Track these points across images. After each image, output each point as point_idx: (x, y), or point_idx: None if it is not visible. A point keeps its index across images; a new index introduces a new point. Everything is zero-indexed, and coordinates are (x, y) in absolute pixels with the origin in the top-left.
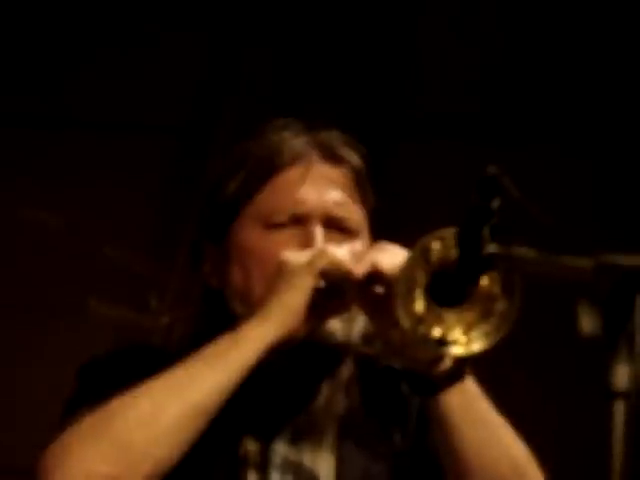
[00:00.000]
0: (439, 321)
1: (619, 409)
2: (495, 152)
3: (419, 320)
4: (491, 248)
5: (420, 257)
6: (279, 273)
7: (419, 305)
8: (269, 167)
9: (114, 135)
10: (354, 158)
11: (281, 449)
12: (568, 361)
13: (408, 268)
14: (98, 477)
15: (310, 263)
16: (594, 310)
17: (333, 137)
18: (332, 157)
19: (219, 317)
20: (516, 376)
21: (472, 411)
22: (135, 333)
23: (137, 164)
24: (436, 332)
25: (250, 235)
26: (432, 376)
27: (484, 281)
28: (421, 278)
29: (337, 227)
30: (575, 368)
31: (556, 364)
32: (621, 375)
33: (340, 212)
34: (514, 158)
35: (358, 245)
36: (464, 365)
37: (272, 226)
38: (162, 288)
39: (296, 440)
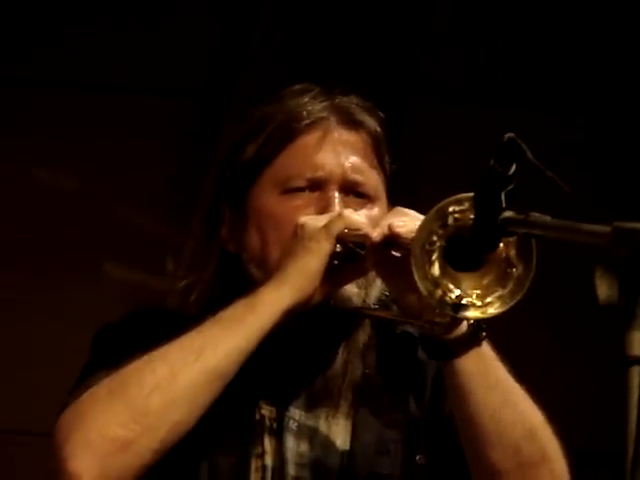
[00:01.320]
0: (455, 284)
1: (635, 375)
2: (512, 114)
3: (435, 283)
4: (507, 214)
5: (437, 221)
6: (296, 237)
7: (435, 268)
8: (288, 132)
9: (131, 98)
10: (372, 123)
11: (296, 414)
12: (584, 327)
13: (424, 231)
14: (115, 441)
15: (327, 227)
16: (611, 276)
17: (352, 102)
18: (350, 122)
19: (236, 281)
20: (532, 342)
21: (488, 376)
22: (151, 296)
23: (154, 127)
24: (452, 295)
25: (268, 199)
26: (448, 341)
27: (500, 245)
28: (438, 241)
29: (355, 192)
30: (591, 334)
31: (572, 330)
32: (637, 341)
33: (358, 177)
34: (532, 121)
35: (376, 210)
36: (480, 330)
37: (290, 191)
38: (178, 252)
39: (312, 406)
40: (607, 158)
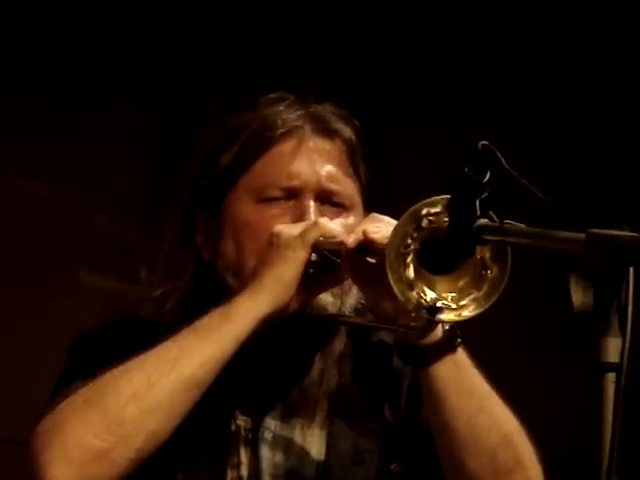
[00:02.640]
0: (430, 287)
1: (609, 382)
2: (488, 121)
3: (410, 286)
4: (482, 222)
5: (411, 223)
6: (272, 246)
7: (410, 271)
8: (263, 140)
9: (104, 106)
10: (347, 132)
11: (272, 425)
12: (559, 334)
13: (399, 234)
14: (91, 451)
15: (303, 235)
16: (586, 283)
17: (327, 110)
18: (325, 130)
19: (211, 290)
20: (507, 348)
21: (463, 382)
22: (125, 304)
23: (127, 135)
24: (427, 298)
25: (243, 208)
26: (423, 347)
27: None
28: (412, 244)
29: (330, 201)
30: (566, 341)
31: (547, 337)
32: (612, 348)
33: (333, 186)
34: (508, 127)
35: (351, 219)
36: (455, 336)
37: (265, 200)
38: (152, 260)
39: (287, 416)
40: (581, 164)
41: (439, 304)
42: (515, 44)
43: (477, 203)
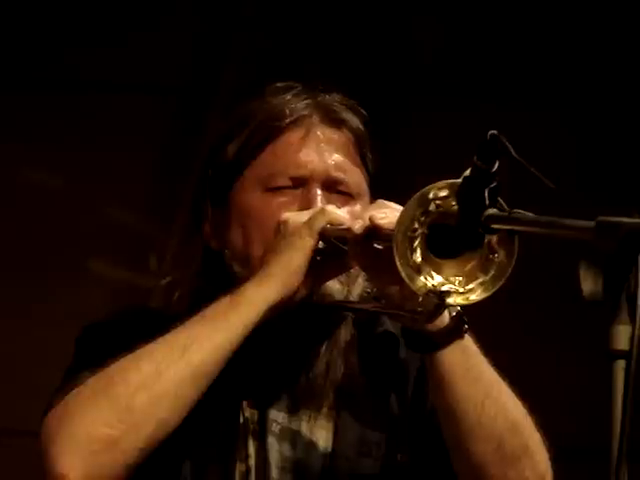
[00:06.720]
0: (437, 271)
1: (619, 369)
2: (497, 111)
3: (417, 270)
4: (491, 211)
5: (418, 207)
6: (279, 234)
7: (417, 255)
8: (270, 129)
9: (114, 95)
10: (355, 121)
11: (279, 417)
12: (568, 320)
13: (406, 217)
14: (101, 440)
15: (310, 223)
16: (595, 270)
17: (334, 100)
18: (333, 120)
19: (219, 278)
20: (516, 336)
21: (470, 368)
22: (134, 294)
23: (137, 124)
24: (434, 282)
25: (251, 197)
26: (431, 333)
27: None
28: (420, 229)
29: (337, 190)
30: (575, 328)
31: (557, 323)
32: (622, 335)
33: (340, 175)
34: (514, 117)
35: (358, 208)
36: (463, 323)
37: (272, 189)
38: (162, 249)
39: (294, 407)
40: (593, 153)
41: (446, 288)
42: (527, 29)
43: (486, 193)
